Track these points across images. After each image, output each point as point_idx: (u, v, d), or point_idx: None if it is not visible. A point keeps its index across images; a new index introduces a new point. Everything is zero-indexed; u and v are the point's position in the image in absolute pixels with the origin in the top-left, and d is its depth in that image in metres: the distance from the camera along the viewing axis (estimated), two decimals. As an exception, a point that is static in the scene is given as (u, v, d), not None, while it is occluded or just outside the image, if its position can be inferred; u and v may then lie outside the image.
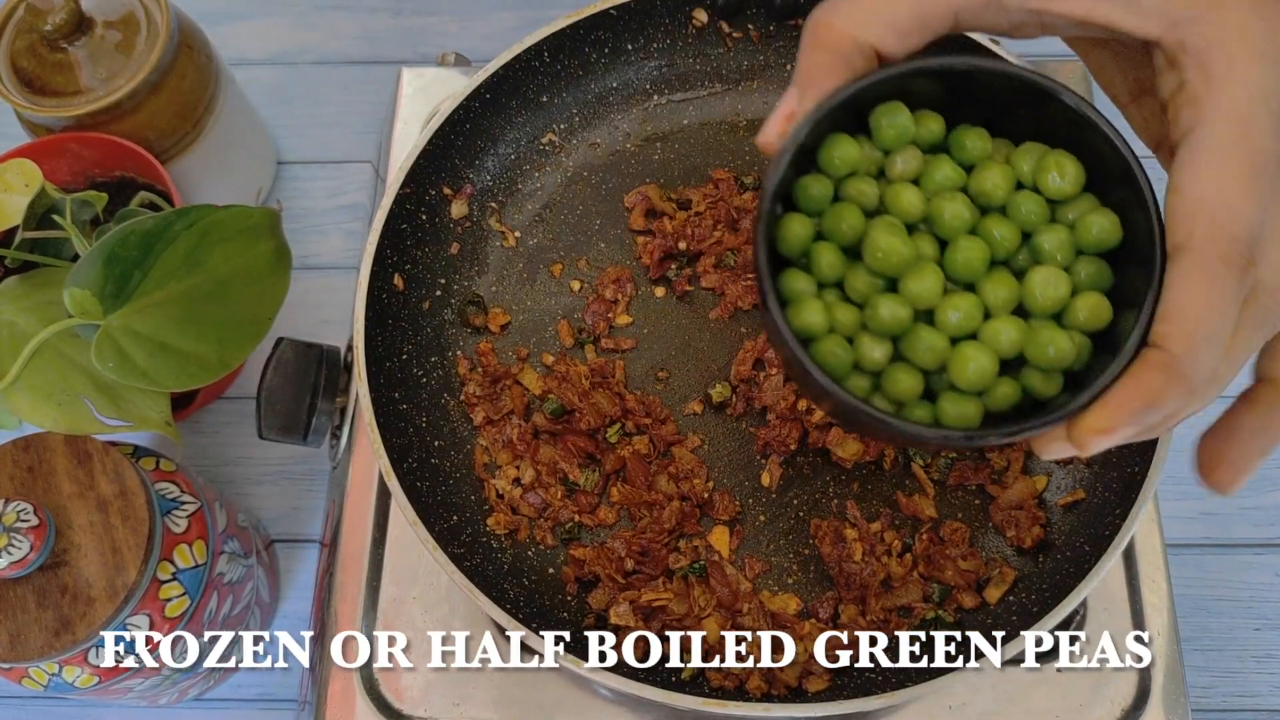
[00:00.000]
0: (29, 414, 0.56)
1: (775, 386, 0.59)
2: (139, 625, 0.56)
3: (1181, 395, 0.34)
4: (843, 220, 0.37)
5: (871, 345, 0.37)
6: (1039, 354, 0.36)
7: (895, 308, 0.36)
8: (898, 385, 0.37)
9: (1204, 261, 0.33)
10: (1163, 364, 0.33)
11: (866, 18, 0.36)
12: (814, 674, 0.53)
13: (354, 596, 0.59)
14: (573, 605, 0.56)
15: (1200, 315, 0.33)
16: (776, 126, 0.38)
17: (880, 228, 0.37)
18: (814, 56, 0.37)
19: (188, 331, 0.56)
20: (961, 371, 0.36)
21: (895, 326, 0.37)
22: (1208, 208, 0.33)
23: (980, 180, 0.38)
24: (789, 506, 0.58)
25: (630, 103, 0.67)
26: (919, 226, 0.38)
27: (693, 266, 0.64)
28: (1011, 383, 0.37)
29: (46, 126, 0.69)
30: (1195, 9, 0.35)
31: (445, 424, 0.60)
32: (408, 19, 0.91)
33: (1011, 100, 0.38)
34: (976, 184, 0.38)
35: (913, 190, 0.38)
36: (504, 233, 0.65)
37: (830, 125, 0.38)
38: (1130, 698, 0.55)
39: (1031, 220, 0.37)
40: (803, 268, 0.39)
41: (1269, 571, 0.70)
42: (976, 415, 0.37)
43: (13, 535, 0.51)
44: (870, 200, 0.38)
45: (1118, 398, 0.34)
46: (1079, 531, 0.55)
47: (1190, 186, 0.34)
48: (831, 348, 0.37)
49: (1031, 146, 0.38)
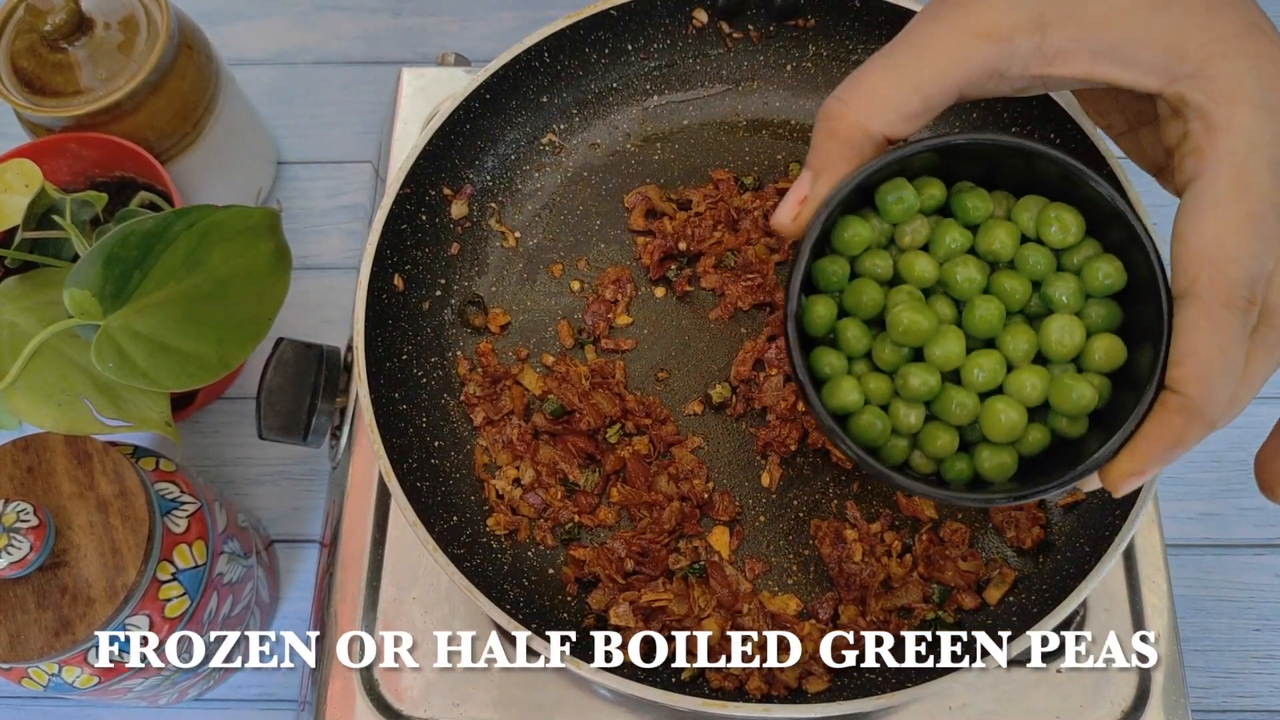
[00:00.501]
0: (29, 414, 0.56)
1: (775, 387, 0.59)
2: (139, 626, 0.56)
3: (1203, 432, 0.36)
4: (863, 295, 0.40)
5: (906, 411, 0.40)
6: (1064, 402, 0.39)
7: (924, 376, 0.39)
8: (934, 444, 0.40)
9: (1209, 309, 0.35)
10: (1182, 408, 0.36)
11: (878, 109, 0.39)
12: (814, 674, 0.53)
13: (354, 597, 0.59)
14: (572, 606, 0.56)
15: (1211, 359, 0.35)
16: (790, 210, 0.40)
17: (900, 303, 0.40)
18: (827, 145, 0.40)
19: (188, 332, 0.56)
20: (994, 426, 0.39)
21: (926, 393, 0.39)
22: (1210, 257, 0.35)
23: (987, 240, 0.40)
24: (789, 507, 0.58)
25: (630, 103, 0.67)
26: (935, 289, 0.41)
27: (693, 267, 0.64)
28: (1041, 428, 0.40)
29: (46, 126, 0.69)
30: (1194, 64, 0.36)
31: (445, 424, 0.60)
32: (408, 19, 0.91)
33: (1003, 157, 0.40)
34: (984, 243, 0.40)
35: (925, 258, 0.40)
36: (504, 233, 0.65)
37: (840, 208, 0.40)
38: (1130, 698, 0.55)
39: (1039, 271, 0.40)
40: (830, 344, 0.41)
41: (1269, 572, 0.70)
42: (1013, 463, 0.40)
43: (12, 535, 0.51)
44: (885, 272, 0.41)
45: (1145, 443, 0.37)
46: (1079, 532, 0.55)
47: (1193, 236, 0.36)
48: (870, 420, 0.40)
49: (1029, 201, 0.40)
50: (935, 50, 0.38)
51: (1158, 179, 0.43)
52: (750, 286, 0.62)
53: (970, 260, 0.40)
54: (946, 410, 0.39)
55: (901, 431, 0.41)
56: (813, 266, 0.41)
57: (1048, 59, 0.38)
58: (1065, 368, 0.39)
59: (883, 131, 0.39)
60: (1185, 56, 0.36)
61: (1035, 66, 0.38)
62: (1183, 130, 0.37)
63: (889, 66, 0.39)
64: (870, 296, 0.40)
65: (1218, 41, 0.36)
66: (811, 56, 0.66)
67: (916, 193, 0.40)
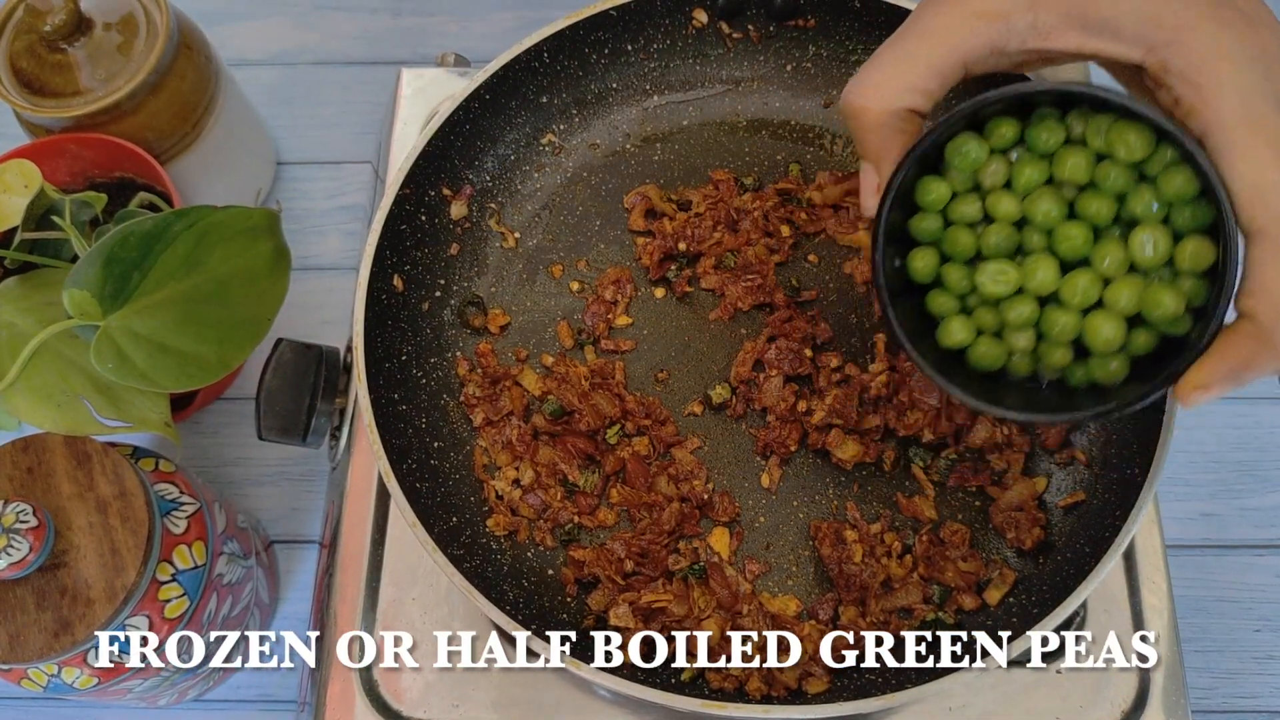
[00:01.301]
0: (28, 415, 0.56)
1: (775, 388, 0.59)
2: (138, 626, 0.56)
3: (1270, 361, 0.39)
4: (958, 243, 0.45)
5: (1017, 336, 0.45)
6: (1153, 310, 0.42)
7: (1023, 308, 0.43)
8: (1051, 358, 0.45)
9: (1276, 244, 0.38)
10: (1254, 333, 0.39)
11: (892, 91, 0.43)
12: (814, 675, 0.53)
13: (353, 598, 0.59)
14: (572, 607, 0.56)
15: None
16: (870, 200, 0.45)
17: (986, 264, 0.44)
18: (869, 138, 0.44)
19: (187, 332, 0.56)
20: (1096, 340, 0.43)
21: (1031, 319, 0.44)
22: (1261, 195, 0.38)
23: (1061, 167, 0.43)
24: (789, 508, 0.58)
25: (630, 103, 0.67)
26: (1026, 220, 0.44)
27: (693, 267, 0.64)
28: (1147, 331, 0.43)
29: (46, 127, 0.69)
30: (1170, 32, 0.40)
31: (445, 425, 0.60)
32: (407, 19, 0.91)
33: (1064, 102, 0.43)
34: (1060, 171, 0.43)
35: (1008, 196, 0.44)
36: (504, 233, 0.65)
37: (917, 170, 0.44)
38: (1130, 699, 0.55)
39: (1119, 186, 0.42)
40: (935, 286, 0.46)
41: (1269, 573, 0.70)
42: (1122, 369, 0.44)
43: (12, 536, 0.51)
44: (975, 214, 0.45)
45: (1216, 360, 0.40)
46: (1079, 533, 0.55)
47: (1236, 180, 0.39)
48: (985, 350, 0.45)
49: (1100, 121, 0.42)
50: (941, 32, 0.42)
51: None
52: (750, 287, 0.62)
53: (1047, 193, 0.43)
54: (1051, 332, 0.43)
55: (1018, 351, 0.45)
56: (908, 225, 0.46)
57: (1042, 34, 0.41)
58: (1160, 273, 0.42)
59: (906, 108, 0.43)
60: (1161, 25, 0.39)
61: (1031, 41, 0.42)
62: (1173, 98, 0.40)
63: (902, 53, 0.43)
64: (964, 243, 0.44)
65: (1189, 9, 0.39)
66: (811, 56, 0.66)
67: (982, 141, 0.44)
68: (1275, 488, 0.72)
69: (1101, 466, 0.56)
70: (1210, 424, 0.74)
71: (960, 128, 0.44)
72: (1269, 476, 0.72)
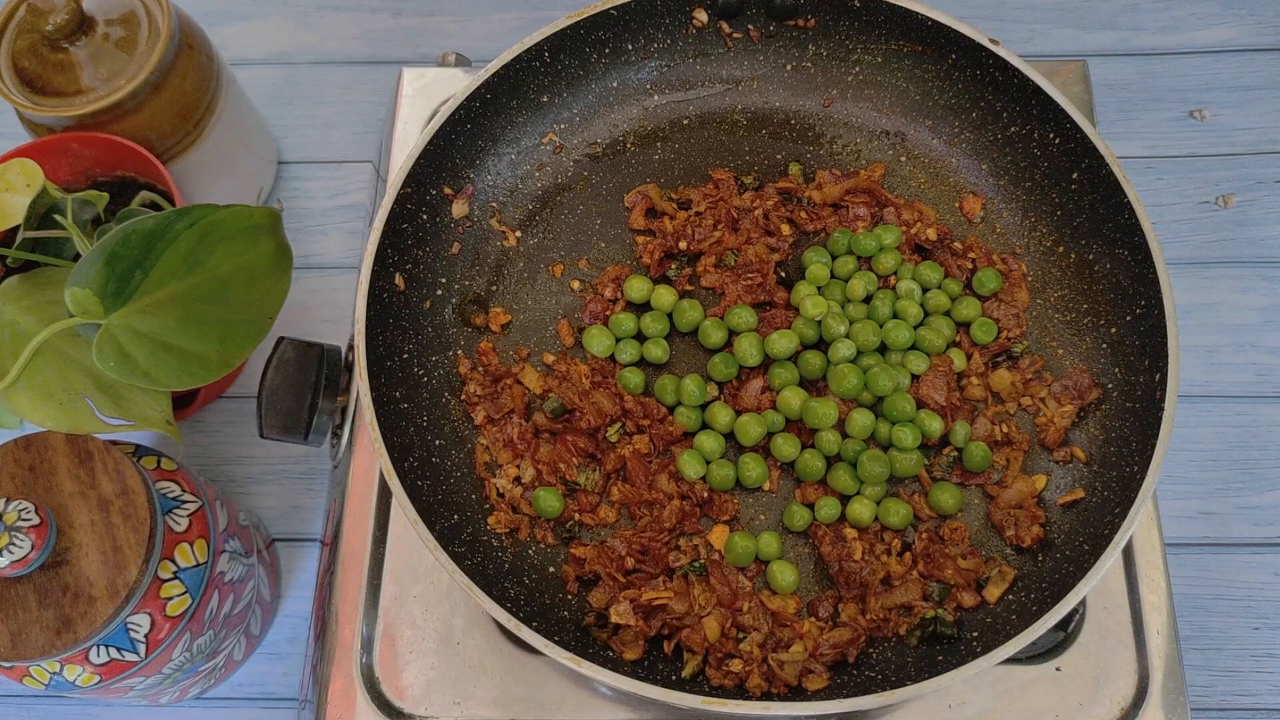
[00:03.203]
0: (30, 413, 0.56)
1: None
2: (140, 624, 0.56)
3: None
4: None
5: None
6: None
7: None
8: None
9: None
10: None
11: None
12: (814, 672, 0.53)
13: (355, 595, 0.59)
14: (573, 604, 0.56)
15: None
16: None
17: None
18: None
19: (189, 331, 0.56)
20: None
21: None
22: None
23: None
24: (789, 507, 0.58)
25: (630, 103, 0.67)
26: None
27: (693, 266, 0.64)
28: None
29: (48, 126, 0.69)
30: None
31: (446, 423, 0.60)
32: (408, 19, 0.92)
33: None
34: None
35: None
36: (504, 233, 0.65)
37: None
38: (1130, 696, 0.56)
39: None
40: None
41: (1267, 571, 0.70)
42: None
43: (14, 534, 0.51)
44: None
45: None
46: (1078, 530, 0.55)
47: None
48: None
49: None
50: None
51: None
52: (750, 286, 0.62)
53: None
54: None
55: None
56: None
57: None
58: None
59: None
60: None
61: None
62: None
63: None
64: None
65: None
66: (811, 56, 0.67)
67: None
68: (1274, 486, 0.72)
69: (1101, 464, 0.56)
70: (1209, 423, 0.74)
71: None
72: (1268, 475, 0.72)
